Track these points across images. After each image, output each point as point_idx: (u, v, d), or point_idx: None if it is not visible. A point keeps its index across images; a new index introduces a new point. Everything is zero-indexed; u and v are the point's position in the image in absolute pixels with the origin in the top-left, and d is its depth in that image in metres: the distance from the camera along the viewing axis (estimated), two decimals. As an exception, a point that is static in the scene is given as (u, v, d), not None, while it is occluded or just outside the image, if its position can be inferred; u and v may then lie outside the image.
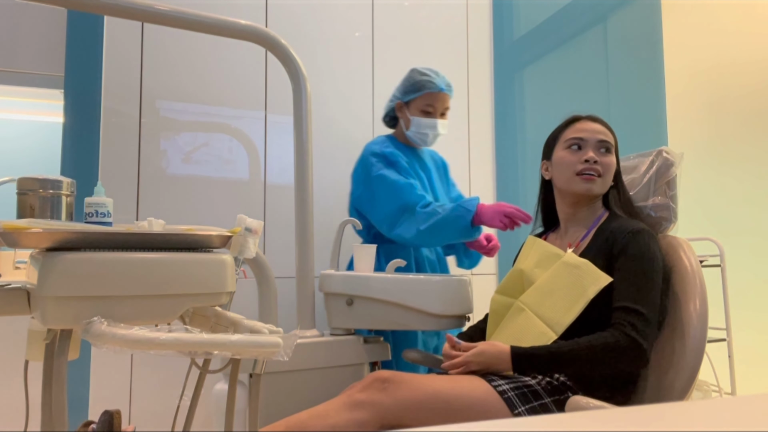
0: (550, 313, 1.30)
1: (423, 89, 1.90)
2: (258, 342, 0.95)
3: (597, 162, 1.36)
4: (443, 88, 1.91)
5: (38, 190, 1.25)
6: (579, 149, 1.39)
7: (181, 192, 2.22)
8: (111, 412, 1.15)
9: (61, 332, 0.95)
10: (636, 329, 1.19)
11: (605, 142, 1.38)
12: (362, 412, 1.19)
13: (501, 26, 2.81)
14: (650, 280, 1.24)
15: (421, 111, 1.91)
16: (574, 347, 1.21)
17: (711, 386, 1.85)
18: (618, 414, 0.47)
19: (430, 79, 1.90)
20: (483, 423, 0.41)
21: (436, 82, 1.90)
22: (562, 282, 1.31)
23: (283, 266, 2.17)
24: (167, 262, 1.00)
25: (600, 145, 1.38)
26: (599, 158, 1.37)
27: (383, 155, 1.89)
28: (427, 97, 1.90)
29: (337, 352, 1.65)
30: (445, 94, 1.93)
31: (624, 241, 1.28)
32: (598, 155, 1.37)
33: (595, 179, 1.36)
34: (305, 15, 2.44)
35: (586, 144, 1.39)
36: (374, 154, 1.92)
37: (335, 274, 1.70)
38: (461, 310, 1.62)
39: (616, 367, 1.21)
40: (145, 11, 1.59)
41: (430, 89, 1.90)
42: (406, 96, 1.94)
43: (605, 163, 1.37)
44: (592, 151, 1.37)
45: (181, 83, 2.25)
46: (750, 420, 0.43)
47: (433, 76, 1.91)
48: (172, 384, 1.93)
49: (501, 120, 2.79)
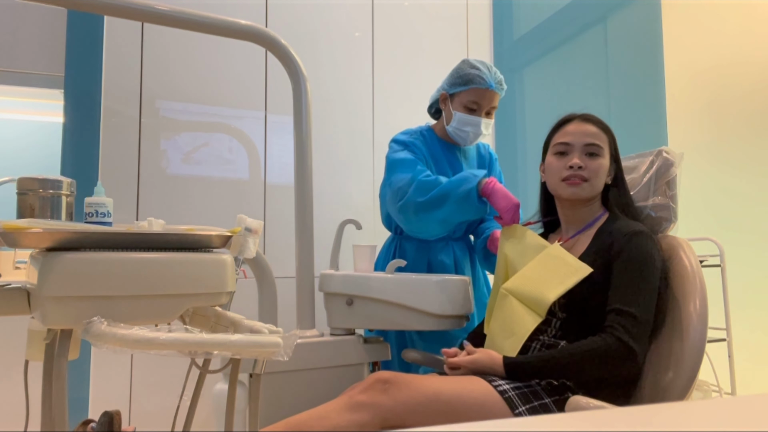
0: (532, 296, 1.31)
1: (470, 84, 1.74)
2: (258, 342, 0.95)
3: (582, 167, 1.34)
4: (492, 86, 1.74)
5: (38, 190, 1.25)
6: (565, 155, 1.38)
7: (181, 192, 2.22)
8: (111, 413, 1.15)
9: (61, 332, 0.95)
10: (627, 331, 1.18)
11: (592, 145, 1.35)
12: (363, 413, 1.19)
13: (501, 26, 2.81)
14: (646, 283, 1.24)
15: (465, 107, 1.76)
16: (564, 353, 1.22)
17: (711, 386, 1.85)
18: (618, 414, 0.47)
19: (480, 73, 1.74)
20: (483, 423, 0.41)
21: (485, 78, 1.74)
22: (544, 270, 1.33)
23: (283, 266, 2.17)
24: (167, 262, 1.00)
25: (586, 149, 1.36)
26: (585, 163, 1.35)
27: (403, 143, 1.79)
28: (473, 92, 1.75)
29: (337, 352, 1.65)
30: (494, 92, 1.76)
31: (622, 243, 1.28)
32: (583, 160, 1.35)
33: (580, 184, 1.35)
34: (305, 15, 2.44)
35: (572, 149, 1.37)
36: (396, 140, 1.83)
37: (335, 274, 1.70)
38: (461, 310, 1.62)
39: (607, 370, 1.21)
40: (145, 11, 1.59)
41: (477, 84, 1.74)
42: (452, 88, 1.79)
43: (592, 168, 1.35)
44: (578, 155, 1.35)
45: (181, 83, 2.25)
46: (750, 420, 0.43)
47: (484, 70, 1.75)
48: (172, 384, 1.93)
49: (501, 120, 2.79)
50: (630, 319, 1.20)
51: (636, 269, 1.25)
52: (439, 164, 1.83)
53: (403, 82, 2.59)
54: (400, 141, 1.81)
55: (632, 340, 1.18)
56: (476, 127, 1.77)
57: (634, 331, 1.19)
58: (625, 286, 1.24)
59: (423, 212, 1.63)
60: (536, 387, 1.24)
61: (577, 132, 1.38)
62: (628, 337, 1.18)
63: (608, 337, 1.19)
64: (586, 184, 1.35)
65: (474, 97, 1.75)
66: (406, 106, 2.56)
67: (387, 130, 2.46)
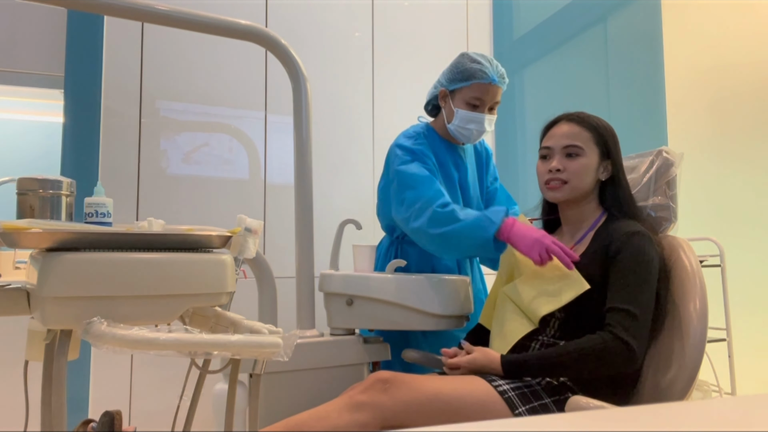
0: (528, 305, 1.34)
1: (472, 78, 1.66)
2: (258, 342, 0.95)
3: (560, 170, 1.36)
4: (495, 80, 1.67)
5: (38, 190, 1.25)
6: (546, 158, 1.40)
7: (181, 192, 2.22)
8: (112, 413, 1.15)
9: (61, 332, 0.95)
10: (626, 329, 1.19)
11: (570, 146, 1.36)
12: (363, 413, 1.19)
13: (501, 26, 2.81)
14: (644, 282, 1.24)
15: (467, 103, 1.68)
16: (563, 352, 1.22)
17: (711, 386, 1.85)
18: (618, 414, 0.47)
19: (482, 67, 1.66)
20: (483, 423, 0.41)
21: (488, 72, 1.66)
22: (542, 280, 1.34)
23: (283, 266, 2.17)
24: (167, 263, 1.00)
25: (565, 151, 1.37)
26: (564, 165, 1.36)
27: (411, 151, 1.69)
28: (475, 87, 1.66)
29: (337, 352, 1.65)
30: (497, 87, 1.68)
31: (619, 243, 1.28)
32: (563, 162, 1.36)
33: (559, 188, 1.36)
34: (305, 15, 2.44)
35: (552, 152, 1.39)
36: (401, 147, 1.71)
37: (335, 274, 1.70)
38: (461, 310, 1.62)
39: (605, 368, 1.21)
40: (145, 11, 1.59)
41: (480, 79, 1.65)
42: (452, 84, 1.70)
43: (572, 169, 1.35)
44: (557, 159, 1.37)
45: (181, 83, 2.25)
46: (750, 420, 0.43)
47: (486, 64, 1.67)
48: (172, 384, 1.93)
49: (501, 120, 2.79)
50: (628, 317, 1.20)
51: (634, 269, 1.25)
52: (444, 167, 1.76)
53: (403, 82, 2.59)
54: (407, 148, 1.70)
55: (631, 338, 1.18)
56: (480, 125, 1.70)
57: (633, 329, 1.19)
58: (623, 285, 1.24)
59: (436, 243, 1.57)
60: (536, 387, 1.24)
61: (557, 134, 1.39)
62: (626, 334, 1.18)
63: (606, 335, 1.19)
64: (566, 186, 1.36)
65: (476, 93, 1.67)
66: (406, 106, 2.56)
67: (387, 130, 2.46)
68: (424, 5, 2.66)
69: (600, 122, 1.40)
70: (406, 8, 2.63)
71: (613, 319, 1.21)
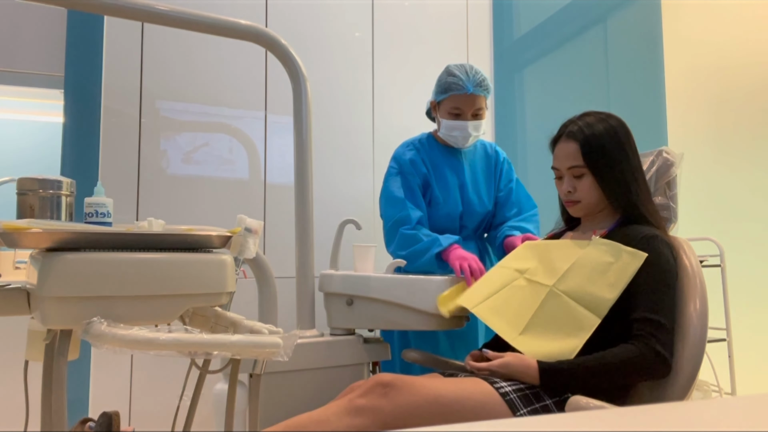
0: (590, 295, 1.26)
1: (449, 91, 1.80)
2: (258, 342, 0.95)
3: (571, 192, 1.40)
4: (470, 90, 1.78)
5: (38, 190, 1.25)
6: (559, 179, 1.43)
7: (181, 192, 2.22)
8: (110, 414, 1.15)
9: (61, 332, 0.95)
10: (659, 341, 1.19)
11: (574, 168, 1.37)
12: (363, 417, 1.18)
13: (501, 26, 2.81)
14: (668, 288, 1.24)
15: (449, 113, 1.82)
16: (602, 361, 1.20)
17: (711, 386, 1.85)
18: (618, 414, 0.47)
19: (457, 80, 1.79)
20: (483, 423, 0.41)
21: (463, 84, 1.78)
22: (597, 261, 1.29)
23: (283, 266, 2.17)
24: (167, 263, 1.00)
25: (570, 173, 1.39)
26: (574, 186, 1.39)
27: (400, 163, 1.86)
28: (454, 99, 1.80)
29: (337, 352, 1.65)
30: (475, 96, 1.80)
31: (638, 247, 1.27)
32: (572, 183, 1.39)
33: (575, 206, 1.41)
34: (305, 15, 2.44)
35: (562, 174, 1.42)
36: (395, 157, 1.89)
37: (335, 274, 1.70)
38: (461, 311, 1.62)
39: (642, 379, 1.22)
40: (145, 11, 1.59)
41: (456, 91, 1.79)
42: (437, 96, 1.86)
43: (581, 189, 1.38)
44: (566, 180, 1.40)
45: (181, 83, 2.25)
46: (750, 420, 0.43)
47: (461, 75, 1.79)
48: (172, 384, 1.93)
49: (501, 120, 2.79)
50: (659, 327, 1.20)
51: (657, 275, 1.24)
52: (438, 170, 1.88)
53: (403, 82, 2.59)
54: (397, 160, 1.88)
55: (664, 350, 1.18)
56: (463, 131, 1.82)
57: (665, 340, 1.19)
58: (649, 292, 1.23)
59: (408, 261, 1.75)
60: (538, 388, 1.23)
61: (560, 156, 1.41)
62: (661, 346, 1.18)
63: (642, 347, 1.19)
64: (579, 205, 1.40)
65: (455, 104, 1.80)
66: (406, 106, 2.56)
67: (387, 130, 2.46)
68: (424, 5, 2.66)
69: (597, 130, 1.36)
70: (406, 8, 2.63)
71: (645, 329, 1.20)
